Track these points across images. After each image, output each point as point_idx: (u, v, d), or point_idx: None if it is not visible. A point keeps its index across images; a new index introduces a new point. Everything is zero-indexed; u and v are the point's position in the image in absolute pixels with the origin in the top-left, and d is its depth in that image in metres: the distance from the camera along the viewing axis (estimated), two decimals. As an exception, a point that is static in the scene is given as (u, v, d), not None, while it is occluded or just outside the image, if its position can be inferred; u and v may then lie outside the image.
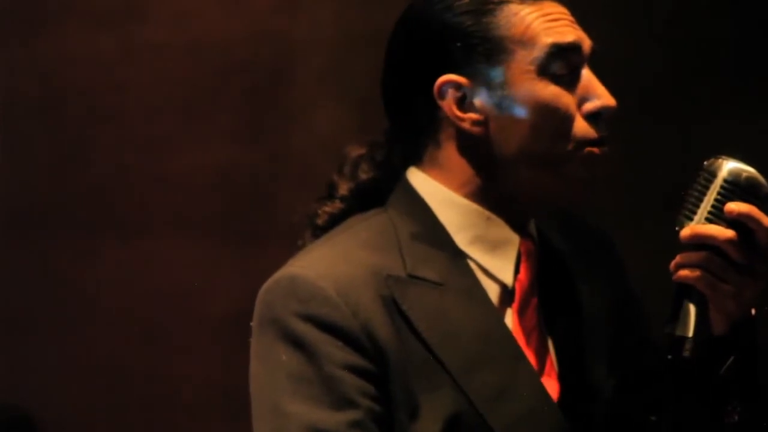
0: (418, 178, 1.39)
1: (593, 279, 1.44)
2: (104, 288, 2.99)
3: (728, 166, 1.30)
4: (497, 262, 1.36)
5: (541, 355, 1.37)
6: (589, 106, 1.35)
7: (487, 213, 1.36)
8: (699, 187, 1.31)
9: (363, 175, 1.42)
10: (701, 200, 1.30)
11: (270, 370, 1.31)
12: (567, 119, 1.34)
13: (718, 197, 1.29)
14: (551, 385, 1.36)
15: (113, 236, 3.00)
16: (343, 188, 1.43)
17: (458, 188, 1.37)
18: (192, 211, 3.08)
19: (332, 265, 1.32)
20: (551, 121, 1.33)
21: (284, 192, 3.10)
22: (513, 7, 1.34)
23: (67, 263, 2.92)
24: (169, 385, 2.90)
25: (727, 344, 1.31)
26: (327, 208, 1.43)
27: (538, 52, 1.33)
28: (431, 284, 1.33)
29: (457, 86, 1.33)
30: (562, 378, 1.37)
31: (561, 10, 1.36)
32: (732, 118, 2.87)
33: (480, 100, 1.34)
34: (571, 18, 1.37)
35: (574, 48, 1.34)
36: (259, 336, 1.33)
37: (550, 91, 1.33)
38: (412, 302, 1.31)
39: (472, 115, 1.34)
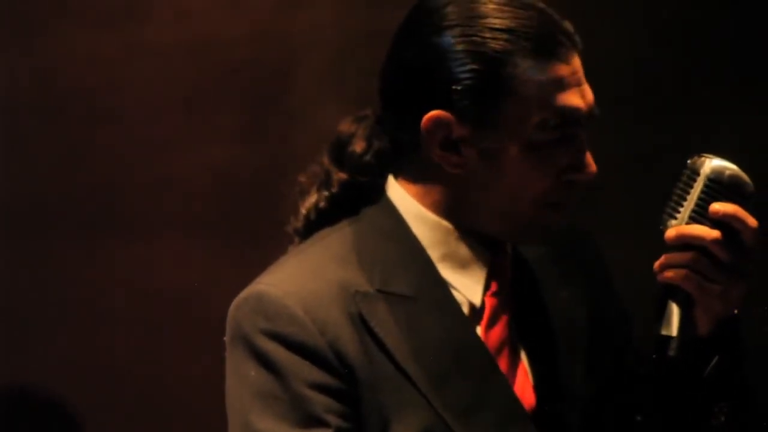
0: (395, 192, 1.38)
1: (572, 284, 1.44)
2: (104, 288, 2.99)
3: (711, 164, 1.30)
4: (466, 280, 1.36)
5: (512, 368, 1.36)
6: (571, 177, 1.33)
7: (457, 232, 1.36)
8: (682, 186, 1.31)
9: (361, 178, 1.41)
10: (685, 199, 1.30)
11: (241, 386, 1.32)
12: (545, 186, 1.32)
13: (702, 196, 1.29)
14: (526, 397, 1.35)
15: (113, 236, 3.00)
16: (337, 181, 1.42)
17: (430, 206, 1.36)
18: (192, 211, 3.08)
19: (300, 282, 1.32)
20: (529, 187, 1.32)
21: (285, 192, 3.10)
22: (523, 63, 1.30)
23: (67, 263, 2.91)
24: (169, 385, 2.90)
25: (712, 344, 1.31)
26: (314, 199, 1.43)
27: (536, 120, 1.30)
28: (401, 298, 1.32)
29: (446, 125, 1.31)
30: (538, 389, 1.36)
31: (574, 69, 1.32)
32: (732, 117, 2.87)
33: (465, 146, 1.32)
34: (582, 77, 1.33)
35: (575, 117, 1.32)
36: (231, 352, 1.35)
37: (537, 158, 1.31)
38: (380, 318, 1.30)
39: (454, 158, 1.32)
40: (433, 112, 1.31)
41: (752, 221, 1.29)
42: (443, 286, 1.35)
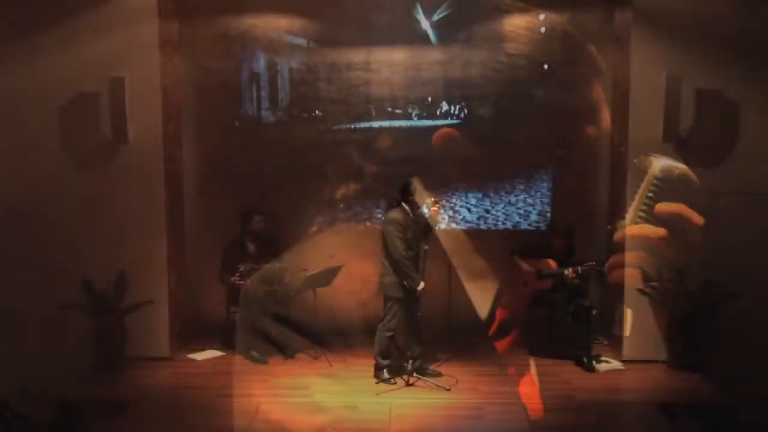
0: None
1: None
2: (103, 287, 2.99)
3: (660, 163, 1.30)
4: (477, 292, 1.37)
5: (518, 374, 1.38)
6: None
7: (473, 245, 1.38)
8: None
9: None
10: (633, 198, 1.31)
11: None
12: None
13: (650, 194, 1.30)
14: (533, 403, 1.36)
15: (113, 236, 3.01)
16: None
17: None
18: (186, 210, 3.09)
19: None
20: None
21: (284, 191, 3.11)
22: None
23: (66, 262, 2.92)
24: (169, 385, 2.91)
25: None
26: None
27: None
28: None
29: None
30: (544, 395, 1.38)
31: None
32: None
33: None
34: None
35: None
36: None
37: None
38: None
39: None
40: None
41: (698, 218, 1.30)
42: None
